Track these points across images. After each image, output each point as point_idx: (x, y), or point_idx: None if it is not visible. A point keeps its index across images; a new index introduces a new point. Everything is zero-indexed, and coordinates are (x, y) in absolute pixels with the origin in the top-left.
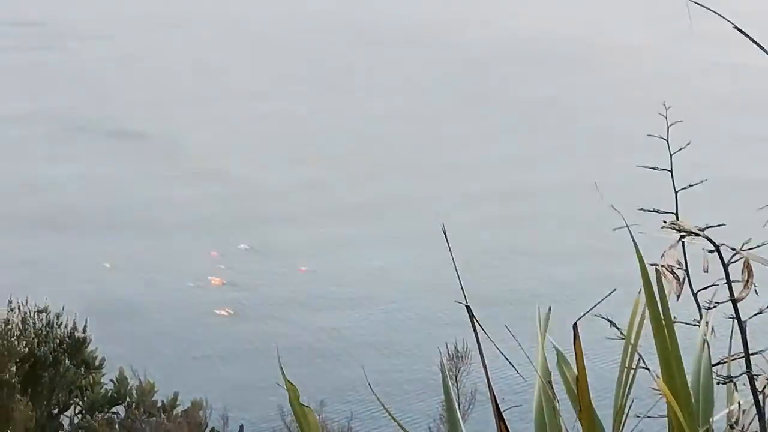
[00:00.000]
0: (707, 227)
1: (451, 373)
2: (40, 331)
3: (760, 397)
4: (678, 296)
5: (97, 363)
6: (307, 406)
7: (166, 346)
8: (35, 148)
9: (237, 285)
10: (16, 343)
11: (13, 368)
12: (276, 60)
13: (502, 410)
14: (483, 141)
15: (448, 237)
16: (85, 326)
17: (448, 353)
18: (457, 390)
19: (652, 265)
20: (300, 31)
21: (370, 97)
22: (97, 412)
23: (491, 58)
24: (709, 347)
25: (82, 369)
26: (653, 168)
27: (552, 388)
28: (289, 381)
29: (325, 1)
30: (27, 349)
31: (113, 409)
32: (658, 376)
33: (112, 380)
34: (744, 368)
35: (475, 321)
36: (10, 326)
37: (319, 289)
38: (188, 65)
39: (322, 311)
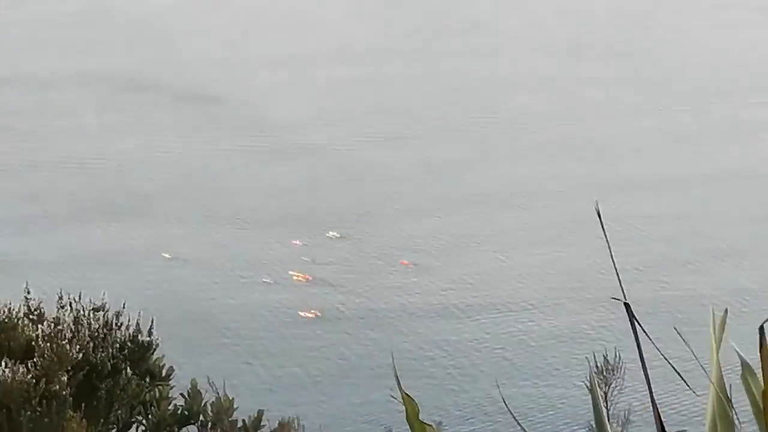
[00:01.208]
0: None
1: (599, 391)
2: (96, 334)
3: None
4: None
5: (164, 373)
6: (429, 424)
7: (241, 354)
8: (88, 116)
9: (325, 281)
10: (68, 347)
11: (65, 378)
12: (385, 11)
13: None
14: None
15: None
16: (150, 328)
17: (597, 366)
18: (608, 412)
19: None
20: None
21: (502, 57)
22: None
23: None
24: None
25: (147, 380)
26: None
27: (732, 406)
28: (407, 395)
29: None
30: (81, 354)
31: (184, 429)
32: None
33: (182, 394)
34: None
35: (635, 322)
36: (60, 327)
37: (432, 291)
38: (275, 17)
39: (436, 318)
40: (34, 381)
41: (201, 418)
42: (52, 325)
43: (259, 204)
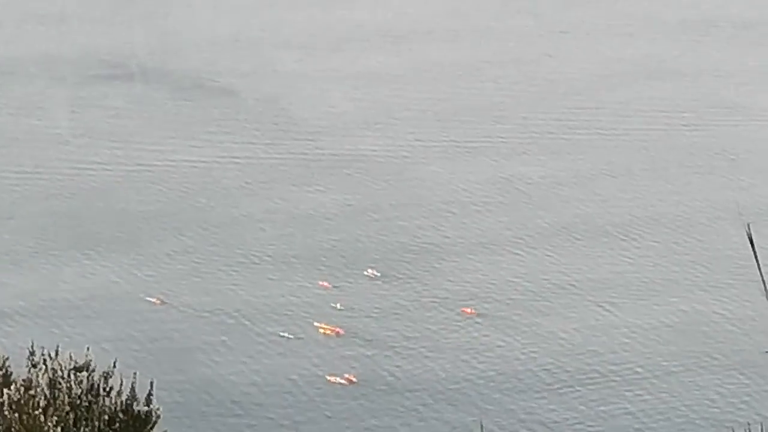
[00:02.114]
0: None
1: None
2: (78, 401)
3: None
4: None
5: None
6: None
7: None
8: (60, 115)
9: (362, 336)
10: (42, 418)
11: None
12: None
13: None
14: None
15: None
16: (149, 395)
17: None
18: None
19: None
20: None
21: (606, 39)
22: None
23: None
24: None
25: None
26: None
27: None
28: None
29: None
30: (59, 428)
31: None
32: None
33: None
34: None
35: None
36: (32, 392)
37: (511, 352)
38: None
39: (519, 389)
40: None
41: None
42: (22, 389)
43: (280, 233)
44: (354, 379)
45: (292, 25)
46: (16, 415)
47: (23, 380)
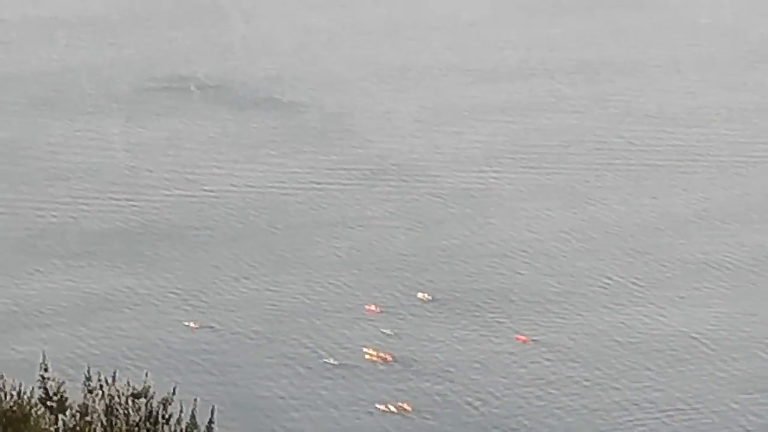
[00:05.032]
0: None
1: None
2: (136, 429)
3: None
4: None
5: None
6: None
7: None
8: (110, 132)
9: (411, 365)
10: None
11: None
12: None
13: None
14: None
15: None
16: (211, 422)
17: None
18: None
19: None
20: None
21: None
22: None
23: None
24: None
25: None
26: None
27: None
28: None
29: None
30: None
31: None
32: None
33: None
34: None
35: None
36: (88, 418)
37: (574, 382)
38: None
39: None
40: None
41: None
42: (78, 415)
43: (343, 259)
44: (408, 408)
45: (365, 48)
46: None
47: (79, 406)
